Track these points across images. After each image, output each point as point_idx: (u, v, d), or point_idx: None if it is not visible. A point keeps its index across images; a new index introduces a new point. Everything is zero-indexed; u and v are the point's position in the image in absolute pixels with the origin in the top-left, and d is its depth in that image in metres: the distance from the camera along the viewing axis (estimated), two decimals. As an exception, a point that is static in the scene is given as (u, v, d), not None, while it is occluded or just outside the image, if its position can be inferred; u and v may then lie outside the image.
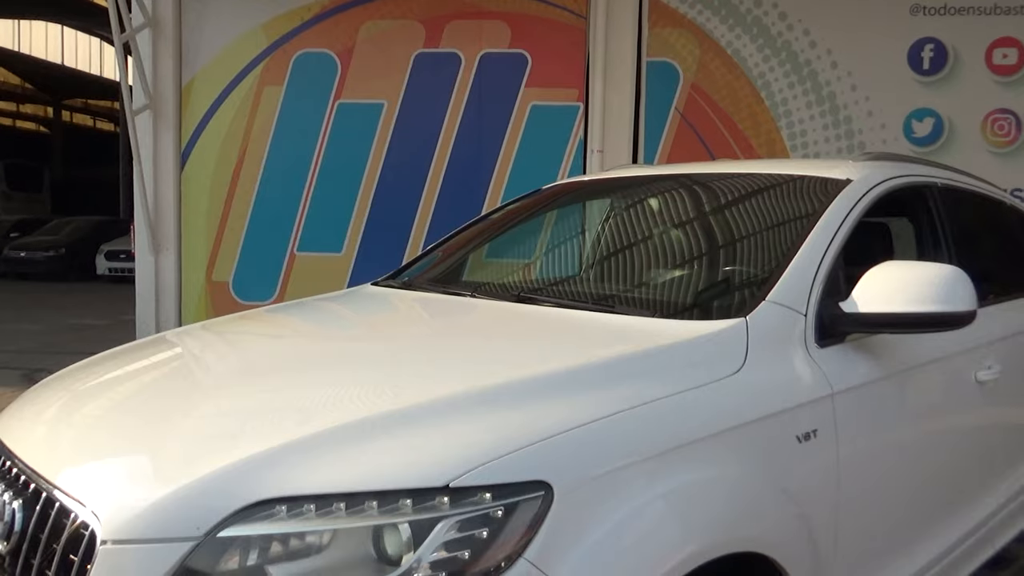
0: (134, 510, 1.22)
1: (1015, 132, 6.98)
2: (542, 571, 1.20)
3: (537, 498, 1.24)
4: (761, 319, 1.81)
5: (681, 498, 1.41)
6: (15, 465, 1.48)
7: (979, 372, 2.40)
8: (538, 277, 2.73)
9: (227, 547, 1.19)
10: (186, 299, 7.87)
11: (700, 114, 7.23)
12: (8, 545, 1.38)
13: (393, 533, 1.19)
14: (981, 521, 2.46)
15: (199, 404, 1.63)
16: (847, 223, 2.13)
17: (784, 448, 1.66)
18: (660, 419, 1.47)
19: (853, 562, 1.85)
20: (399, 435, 1.30)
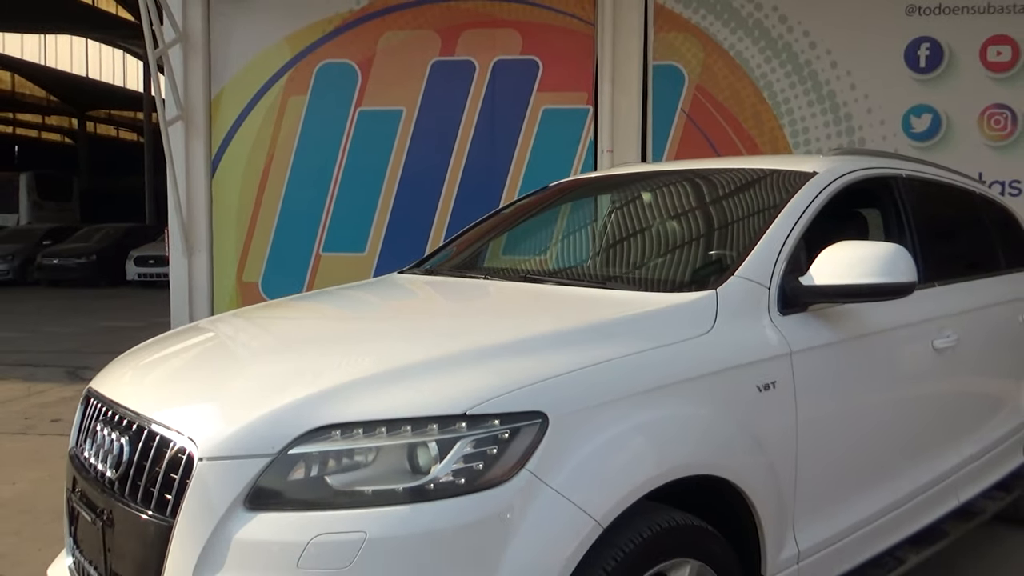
0: (223, 435, 1.56)
1: (1011, 126, 7.21)
2: (539, 479, 1.54)
3: (535, 424, 1.58)
4: (730, 291, 2.14)
5: (654, 429, 1.74)
6: (117, 411, 1.84)
7: (937, 340, 2.70)
8: (542, 261, 3.08)
9: (295, 461, 1.53)
10: (218, 299, 8.27)
11: (705, 114, 7.53)
12: (117, 472, 1.73)
13: (423, 450, 1.53)
14: (943, 474, 2.76)
15: (263, 360, 1.99)
16: (810, 210, 2.44)
17: (746, 395, 1.98)
18: (639, 367, 1.80)
19: (814, 498, 2.16)
20: (427, 378, 1.65)
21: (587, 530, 1.56)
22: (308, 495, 1.51)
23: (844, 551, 2.28)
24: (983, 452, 3.01)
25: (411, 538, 1.46)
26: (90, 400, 2.06)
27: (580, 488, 1.57)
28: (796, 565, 2.11)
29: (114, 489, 1.73)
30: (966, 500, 2.92)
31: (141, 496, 1.65)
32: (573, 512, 1.55)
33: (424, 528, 1.47)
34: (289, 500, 1.51)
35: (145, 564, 1.59)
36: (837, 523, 2.25)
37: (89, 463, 1.86)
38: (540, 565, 1.51)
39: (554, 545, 1.53)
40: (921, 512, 2.64)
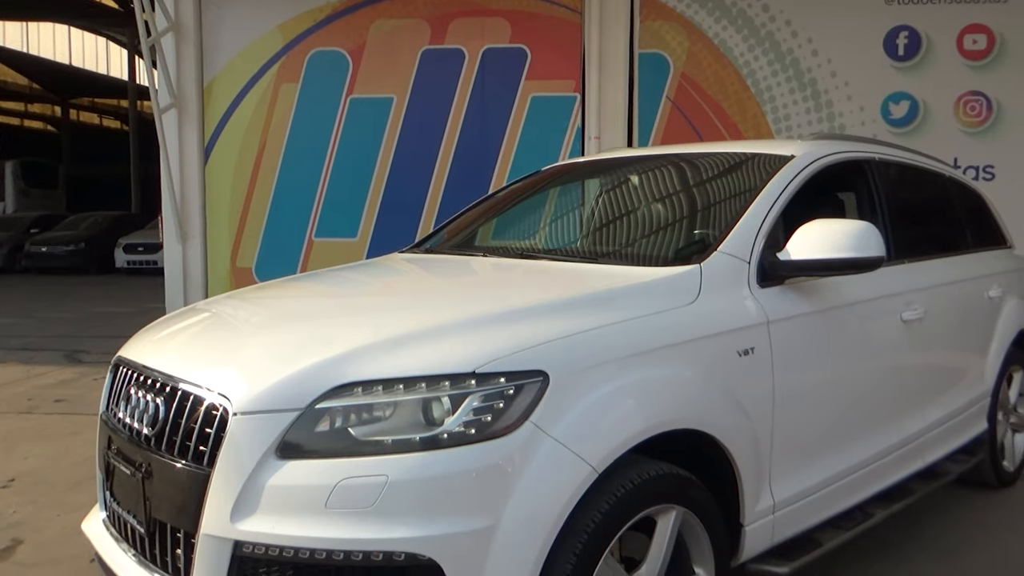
0: (255, 392, 1.73)
1: (986, 112, 7.43)
2: (542, 430, 1.71)
3: (537, 382, 1.75)
4: (713, 265, 2.32)
5: (644, 387, 1.92)
6: (151, 376, 2.00)
7: (904, 313, 2.90)
8: (538, 239, 3.26)
9: (321, 415, 1.70)
10: (212, 284, 8.38)
11: (690, 101, 7.71)
12: (154, 430, 1.89)
13: (437, 404, 1.70)
14: (910, 436, 2.96)
15: (285, 328, 2.15)
16: (788, 190, 2.62)
17: (727, 359, 2.16)
18: (630, 333, 1.98)
19: (789, 454, 2.35)
20: (438, 341, 1.82)
21: (584, 475, 1.74)
22: (333, 445, 1.68)
23: (816, 504, 2.48)
24: (948, 418, 3.23)
25: (428, 480, 1.63)
26: (119, 368, 2.21)
27: (578, 438, 1.75)
28: (772, 516, 2.30)
29: (151, 445, 1.89)
30: (931, 461, 3.14)
31: (178, 449, 1.82)
32: (572, 459, 1.73)
33: (440, 472, 1.64)
34: (316, 449, 1.68)
35: (184, 509, 1.76)
36: (810, 478, 2.45)
37: (124, 423, 2.02)
38: (543, 505, 1.69)
39: (555, 488, 1.71)
40: (889, 471, 2.85)
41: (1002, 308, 3.70)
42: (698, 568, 2.08)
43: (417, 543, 1.61)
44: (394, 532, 1.61)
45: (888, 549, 3.12)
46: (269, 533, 1.65)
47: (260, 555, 1.66)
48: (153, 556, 1.88)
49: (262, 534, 1.65)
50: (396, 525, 1.61)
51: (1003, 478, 3.81)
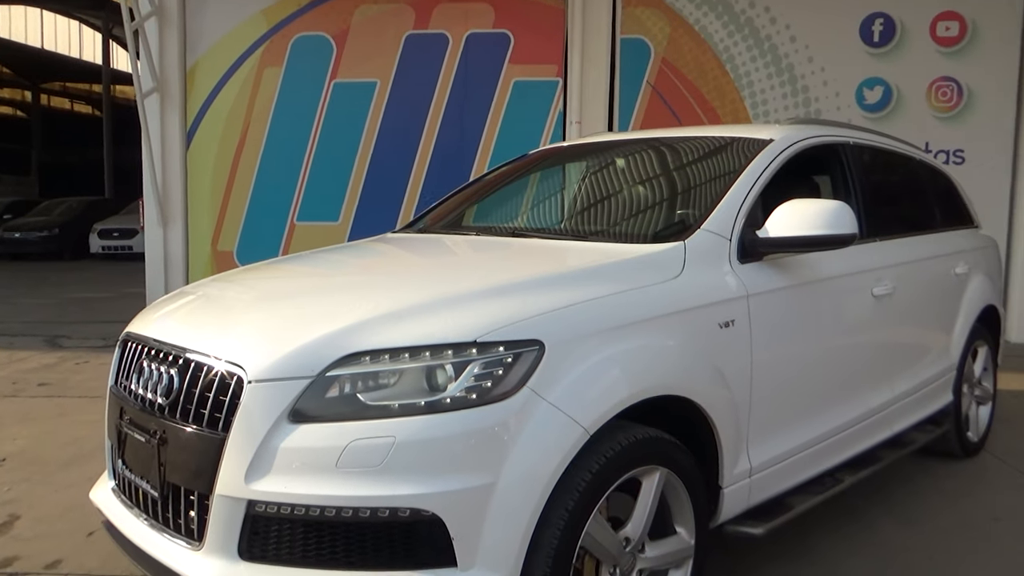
0: (269, 361, 1.82)
1: (957, 98, 7.64)
2: (538, 394, 1.83)
3: (534, 351, 1.86)
4: (696, 242, 2.44)
5: (632, 356, 2.04)
6: (163, 348, 2.08)
7: (875, 288, 3.05)
8: (529, 219, 3.37)
9: (332, 382, 1.80)
10: (193, 268, 8.41)
11: (670, 86, 7.84)
12: (168, 399, 1.98)
13: (440, 371, 1.81)
14: (879, 407, 3.12)
15: (293, 300, 2.24)
16: (767, 172, 2.74)
17: (709, 331, 2.29)
18: (619, 305, 2.10)
19: (765, 421, 2.48)
20: (441, 313, 1.92)
21: (576, 436, 1.86)
22: (343, 409, 1.78)
23: (790, 469, 2.63)
24: (915, 389, 3.39)
25: (434, 441, 1.74)
26: (127, 343, 2.29)
27: (571, 402, 1.87)
28: (748, 479, 2.44)
29: (165, 413, 1.98)
30: (899, 431, 3.30)
31: (192, 417, 1.91)
32: (565, 421, 1.85)
33: (443, 433, 1.75)
34: (327, 414, 1.78)
35: (200, 472, 1.85)
36: (784, 444, 2.59)
37: (137, 394, 2.11)
38: (538, 464, 1.80)
39: (550, 448, 1.82)
40: (858, 439, 3.01)
41: (968, 285, 3.87)
42: (679, 527, 2.22)
43: (422, 499, 1.72)
44: (400, 489, 1.72)
45: (856, 515, 3.29)
46: (282, 492, 1.75)
47: (273, 513, 1.77)
48: (166, 519, 1.97)
49: (275, 493, 1.75)
50: (402, 483, 1.72)
51: (967, 448, 4.00)
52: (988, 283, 4.10)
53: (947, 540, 3.06)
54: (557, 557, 1.83)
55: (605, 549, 1.99)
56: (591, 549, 1.96)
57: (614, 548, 2.02)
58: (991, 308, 4.11)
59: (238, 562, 1.80)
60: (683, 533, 2.22)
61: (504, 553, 1.76)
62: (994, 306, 4.15)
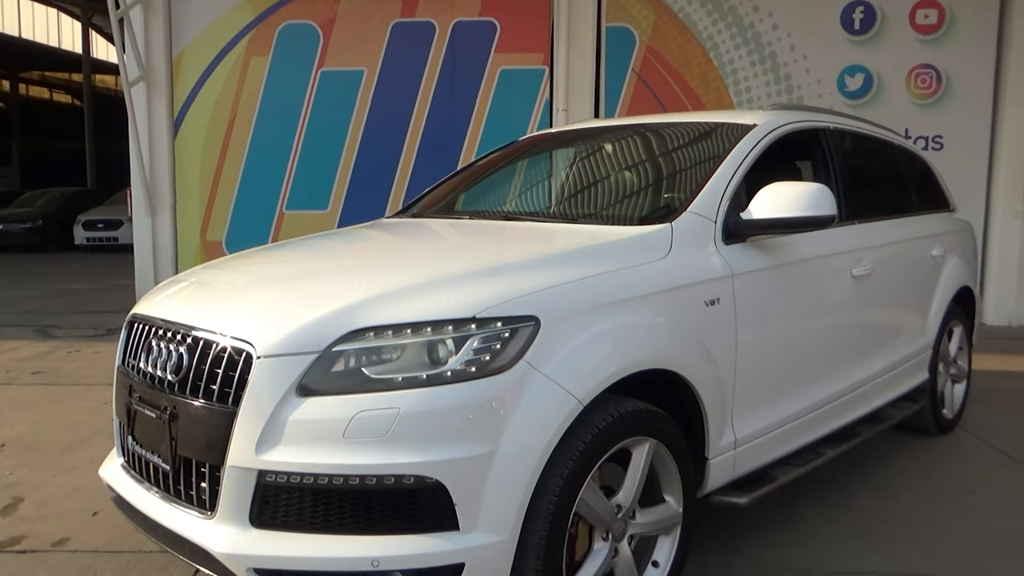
0: (277, 337, 1.90)
1: (936, 85, 7.78)
2: (534, 367, 1.92)
3: (530, 326, 1.95)
4: (682, 224, 2.54)
5: (622, 331, 2.14)
6: (171, 328, 2.15)
7: (854, 269, 3.17)
8: (521, 203, 3.46)
9: (337, 357, 1.88)
10: (182, 258, 8.42)
11: (655, 74, 7.93)
12: (178, 376, 2.06)
13: (441, 346, 1.90)
14: (857, 383, 3.24)
15: (296, 281, 2.32)
16: (750, 156, 2.84)
17: (695, 308, 2.39)
18: (610, 283, 2.19)
19: (749, 396, 2.59)
20: (441, 290, 2.01)
21: (570, 407, 1.95)
22: (349, 383, 1.87)
23: (773, 442, 2.74)
24: (892, 367, 3.52)
25: (436, 412, 1.83)
26: (134, 324, 2.36)
27: (565, 374, 1.96)
28: (733, 451, 2.55)
29: (175, 390, 2.06)
30: (877, 407, 3.43)
31: (203, 392, 1.99)
32: (560, 393, 1.94)
33: (445, 405, 1.84)
34: (333, 388, 1.87)
35: (211, 445, 1.93)
36: (768, 418, 2.70)
37: (146, 372, 2.18)
38: (535, 433, 1.90)
39: (545, 418, 1.92)
40: (838, 414, 3.13)
41: (944, 267, 4.00)
42: (668, 496, 2.33)
43: (425, 467, 1.81)
44: (405, 458, 1.81)
45: (837, 487, 3.41)
46: (291, 462, 1.84)
47: (283, 482, 1.85)
48: (178, 491, 2.06)
49: (285, 463, 1.84)
50: (407, 452, 1.81)
51: (942, 425, 4.15)
52: (963, 265, 4.24)
53: (922, 510, 3.20)
54: (553, 521, 1.93)
55: (598, 515, 2.10)
56: (585, 515, 2.07)
57: (607, 514, 2.12)
58: (966, 289, 4.24)
59: (250, 529, 1.88)
60: (671, 501, 2.32)
61: (504, 517, 1.86)
62: (969, 287, 4.29)
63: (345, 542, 1.83)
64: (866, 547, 2.86)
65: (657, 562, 2.31)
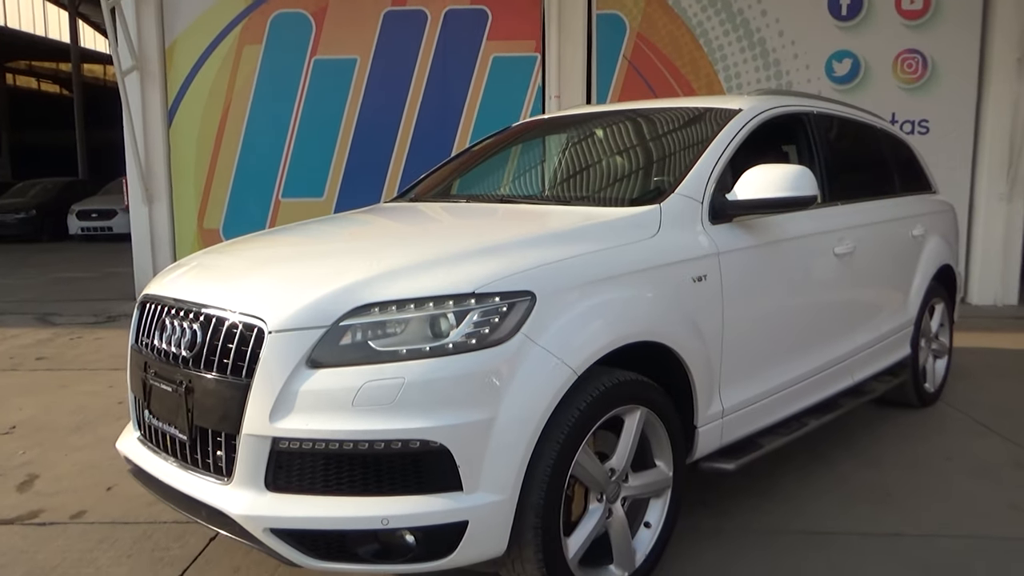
0: (287, 313, 2.01)
1: (922, 70, 7.90)
2: (531, 339, 2.04)
3: (526, 300, 2.07)
4: (671, 205, 2.65)
5: (614, 305, 2.25)
6: (182, 306, 2.26)
7: (837, 248, 3.30)
8: (515, 186, 3.57)
9: (345, 331, 1.99)
10: (179, 246, 8.50)
11: (645, 60, 8.02)
12: (192, 352, 2.17)
13: (443, 319, 2.01)
14: (840, 357, 3.37)
15: (306, 260, 2.43)
16: (736, 140, 2.96)
17: (683, 284, 2.51)
18: (602, 260, 2.31)
19: (735, 367, 2.72)
20: (442, 268, 2.13)
21: (565, 376, 2.08)
22: (356, 355, 1.98)
23: (759, 412, 2.87)
24: (874, 342, 3.66)
25: (439, 381, 1.95)
26: (146, 304, 2.47)
27: (560, 346, 2.09)
28: (721, 420, 2.69)
29: (190, 365, 2.17)
30: (859, 380, 3.57)
31: (217, 366, 2.10)
32: (556, 363, 2.07)
33: (447, 374, 1.96)
34: (341, 360, 1.98)
35: (227, 415, 2.05)
36: (754, 389, 2.83)
37: (160, 349, 2.29)
38: (532, 401, 2.02)
39: (542, 387, 2.04)
40: (821, 386, 3.27)
41: (925, 246, 4.14)
42: (659, 461, 2.46)
43: (430, 432, 1.93)
44: (411, 423, 1.93)
45: (822, 457, 3.56)
46: (304, 429, 1.95)
47: (296, 448, 1.97)
48: (195, 460, 2.17)
49: (298, 430, 1.96)
50: (412, 418, 1.93)
51: (924, 398, 4.30)
52: (944, 244, 4.37)
53: (903, 478, 3.35)
54: (551, 482, 2.06)
55: (593, 478, 2.23)
56: (581, 477, 2.20)
57: (601, 477, 2.25)
58: (947, 268, 4.38)
59: (265, 493, 2.00)
60: (662, 466, 2.46)
61: (504, 479, 1.99)
62: (950, 266, 4.42)
63: (356, 503, 1.95)
64: (847, 510, 3.01)
65: (649, 523, 2.45)
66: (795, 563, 2.61)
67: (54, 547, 2.76)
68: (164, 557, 2.67)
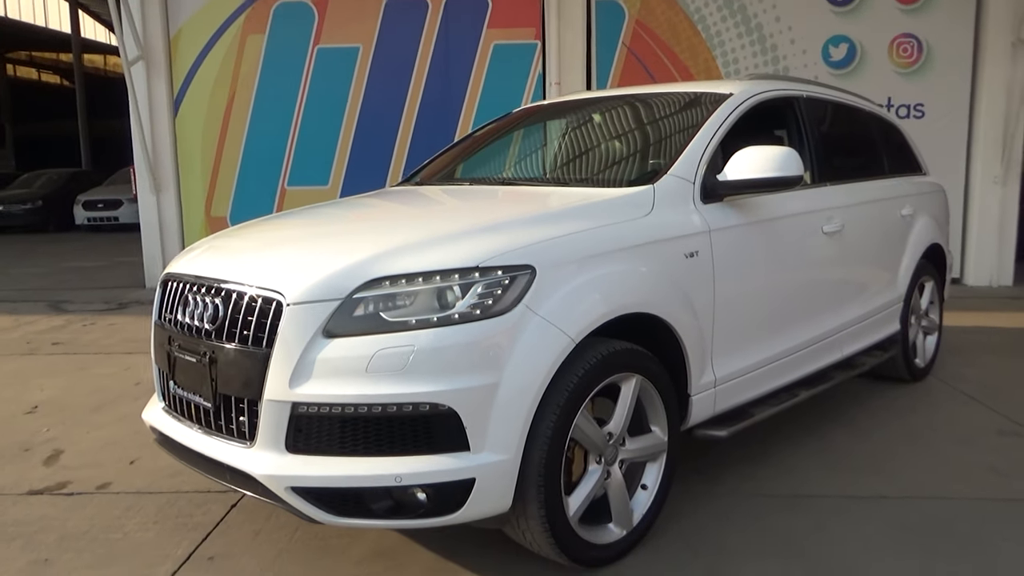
0: (304, 287, 2.15)
1: (917, 54, 8.00)
2: (531, 310, 2.18)
3: (527, 274, 2.21)
4: (664, 185, 2.79)
5: (610, 279, 2.40)
6: (203, 283, 2.41)
7: (825, 226, 3.43)
8: (516, 169, 3.71)
9: (358, 303, 2.13)
10: (187, 234, 8.65)
11: (644, 46, 8.13)
12: (215, 325, 2.32)
13: (450, 292, 2.16)
14: (830, 331, 3.51)
15: (318, 240, 2.58)
16: (727, 123, 3.09)
17: (676, 260, 2.65)
18: (598, 237, 2.45)
19: (727, 339, 2.85)
20: (447, 244, 2.27)
21: (564, 344, 2.22)
22: (369, 325, 2.13)
23: (750, 382, 3.02)
24: (864, 317, 3.80)
25: (446, 348, 2.10)
26: (168, 283, 2.62)
27: (559, 316, 2.23)
28: (713, 389, 2.83)
29: (212, 337, 2.32)
30: (849, 353, 3.72)
31: (238, 338, 2.25)
32: (555, 332, 2.21)
33: (455, 341, 2.10)
34: (355, 329, 2.12)
35: (249, 383, 2.20)
36: (745, 360, 2.97)
37: (184, 323, 2.44)
38: (533, 367, 2.16)
39: (542, 354, 2.18)
40: (812, 359, 3.41)
41: (914, 225, 4.27)
42: (654, 427, 2.61)
43: (439, 395, 2.08)
44: (421, 388, 2.07)
45: (811, 428, 3.71)
46: (321, 394, 2.10)
47: (314, 412, 2.12)
48: (219, 426, 2.32)
49: (316, 395, 2.11)
50: (422, 382, 2.08)
51: (915, 373, 4.44)
52: (933, 224, 4.50)
53: (890, 445, 3.49)
54: (552, 444, 2.21)
55: (592, 440, 2.38)
56: (580, 440, 2.35)
57: (599, 440, 2.40)
58: (936, 246, 4.52)
59: (286, 454, 2.16)
60: (657, 431, 2.60)
61: (508, 439, 2.14)
62: (939, 244, 4.56)
63: (371, 463, 2.10)
64: (834, 476, 3.16)
65: (646, 485, 2.60)
66: (783, 522, 2.76)
67: (83, 515, 2.92)
68: (188, 523, 2.83)
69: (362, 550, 2.60)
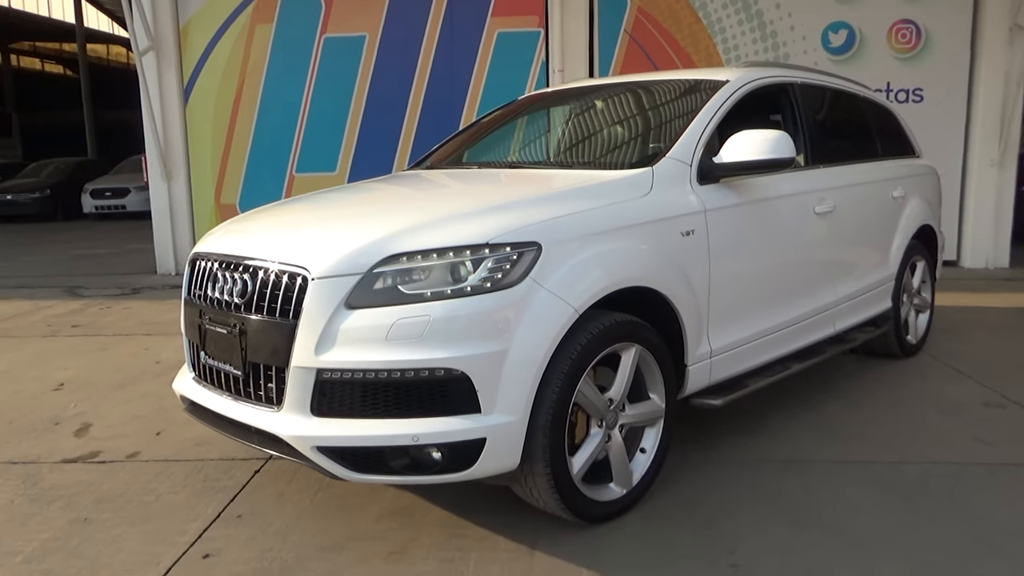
0: (328, 262, 2.32)
1: (915, 39, 8.11)
2: (538, 283, 2.34)
3: (533, 250, 2.38)
4: (662, 167, 2.95)
5: (611, 255, 2.56)
6: (231, 260, 2.58)
7: (817, 207, 3.59)
8: (522, 153, 3.88)
9: (377, 277, 2.31)
10: (198, 221, 8.82)
11: (646, 34, 8.25)
12: (244, 299, 2.49)
13: (462, 266, 2.32)
14: (823, 307, 3.68)
15: (338, 219, 2.75)
16: (723, 108, 3.25)
17: (673, 238, 2.82)
18: (599, 216, 2.61)
19: (722, 313, 3.02)
20: (460, 222, 2.43)
21: (568, 315, 2.39)
22: (388, 297, 2.30)
23: (744, 354, 3.19)
24: (856, 295, 3.96)
25: (459, 318, 2.27)
26: (196, 261, 2.80)
27: (564, 289, 2.40)
28: (709, 360, 3.00)
29: (242, 310, 2.50)
30: (841, 329, 3.88)
31: (267, 310, 2.42)
32: (560, 304, 2.38)
33: (467, 312, 2.27)
34: (375, 302, 2.30)
35: (277, 351, 2.37)
36: (739, 333, 3.14)
37: (213, 298, 2.62)
38: (539, 335, 2.33)
39: (548, 323, 2.35)
40: (805, 333, 3.58)
41: (905, 206, 4.43)
42: (652, 394, 2.78)
43: (453, 361, 2.25)
44: (436, 354, 2.25)
45: (805, 400, 3.88)
46: (345, 360, 2.28)
47: (337, 377, 2.30)
48: (248, 392, 2.50)
49: (339, 361, 2.28)
50: (437, 349, 2.25)
51: (907, 350, 4.61)
52: (925, 205, 4.66)
53: (880, 416, 3.67)
54: (556, 407, 2.38)
55: (594, 405, 2.55)
56: (583, 405, 2.52)
57: (601, 405, 2.58)
58: (927, 227, 4.67)
59: (311, 418, 2.34)
60: (655, 398, 2.78)
61: (516, 402, 2.31)
62: (930, 225, 4.71)
63: (389, 424, 2.28)
64: (825, 443, 3.33)
65: (644, 448, 2.78)
66: (775, 485, 2.93)
67: (117, 480, 3.11)
68: (215, 486, 3.02)
69: (379, 509, 2.78)
